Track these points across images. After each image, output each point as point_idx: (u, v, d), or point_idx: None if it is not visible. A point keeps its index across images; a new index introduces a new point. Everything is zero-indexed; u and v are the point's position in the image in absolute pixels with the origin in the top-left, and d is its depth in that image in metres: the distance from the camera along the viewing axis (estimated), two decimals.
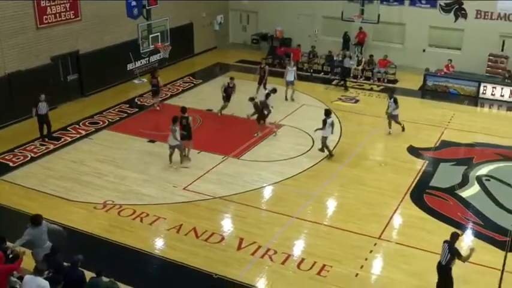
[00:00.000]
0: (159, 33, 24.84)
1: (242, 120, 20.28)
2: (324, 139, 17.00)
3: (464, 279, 11.63)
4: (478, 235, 13.41)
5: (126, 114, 20.98)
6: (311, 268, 11.91)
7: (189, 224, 13.49)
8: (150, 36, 24.52)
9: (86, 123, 19.86)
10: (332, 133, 17.37)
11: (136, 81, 24.90)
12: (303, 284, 11.44)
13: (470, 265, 12.02)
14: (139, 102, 22.12)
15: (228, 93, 20.44)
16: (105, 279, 10.00)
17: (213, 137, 18.69)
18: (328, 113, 17.36)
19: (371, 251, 12.60)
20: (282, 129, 19.62)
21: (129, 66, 24.85)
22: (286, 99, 22.46)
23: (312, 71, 26.93)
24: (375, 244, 12.87)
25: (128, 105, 21.87)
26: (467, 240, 13.08)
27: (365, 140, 18.93)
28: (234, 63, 28.43)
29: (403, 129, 19.30)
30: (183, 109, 16.73)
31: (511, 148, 18.33)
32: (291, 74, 22.19)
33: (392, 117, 19.06)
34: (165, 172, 16.25)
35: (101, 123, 20.01)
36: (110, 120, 20.32)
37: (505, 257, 12.44)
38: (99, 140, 18.63)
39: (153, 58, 26.10)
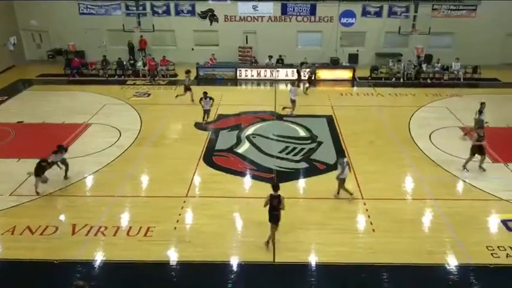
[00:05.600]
0: None
1: (52, 125, 18.38)
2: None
3: (250, 210, 12.60)
4: (254, 177, 14.49)
5: None
6: (138, 233, 11.58)
7: (22, 224, 11.83)
8: None
9: None
10: None
11: None
12: (134, 246, 11.08)
13: (253, 199, 13.07)
14: None
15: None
16: None
17: (30, 145, 16.55)
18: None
19: (182, 207, 12.74)
20: (92, 127, 18.32)
21: None
22: None
23: (107, 75, 25.49)
24: (184, 202, 13.02)
25: None
26: (246, 182, 14.17)
27: (161, 123, 18.80)
28: (36, 78, 25.30)
29: None
30: (275, 186, 10.75)
31: (264, 112, 20.14)
32: None
33: None
34: None
35: None
36: None
37: None
38: None
39: None
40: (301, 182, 14.30)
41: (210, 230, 11.71)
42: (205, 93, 18.66)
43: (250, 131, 18.14)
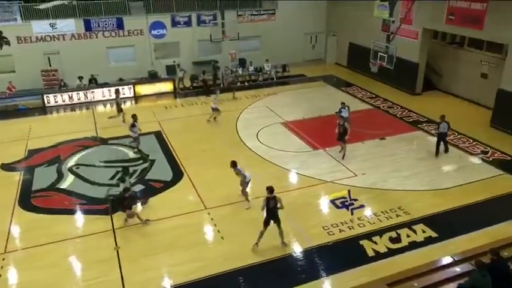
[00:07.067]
0: None
1: None
2: None
3: (87, 249, 11.68)
4: (86, 212, 13.48)
5: None
6: None
7: None
8: None
9: None
10: None
11: None
12: None
13: (89, 237, 12.19)
14: None
15: None
16: None
17: None
18: None
19: (2, 267, 11.04)
20: None
21: None
22: None
23: None
24: (3, 259, 11.31)
25: None
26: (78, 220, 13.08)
27: None
28: None
29: None
30: (270, 188, 11.24)
31: (85, 139, 18.86)
32: None
33: None
34: None
35: None
36: None
37: (112, 218, 13.04)
38: None
39: None
40: (140, 206, 13.85)
41: (42, 285, 10.45)
42: (134, 116, 17.19)
43: (72, 161, 16.78)
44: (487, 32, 19.12)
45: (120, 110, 20.27)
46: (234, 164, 13.39)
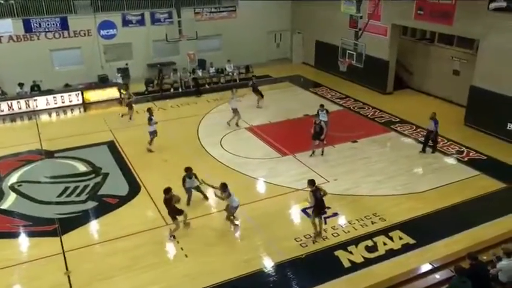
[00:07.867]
0: None
1: None
2: None
3: (34, 276, 11.31)
4: (31, 234, 13.06)
5: None
6: None
7: None
8: None
9: None
10: None
11: None
12: None
13: (36, 261, 11.81)
14: None
15: None
16: None
17: None
18: None
19: None
20: None
21: None
22: None
23: None
24: None
25: None
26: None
27: None
28: None
29: None
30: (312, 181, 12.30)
31: (28, 152, 18.29)
32: None
33: None
34: None
35: None
36: None
37: (61, 240, 12.67)
38: None
39: None
40: (94, 225, 13.53)
41: None
42: (149, 110, 18.28)
43: (14, 178, 16.23)
44: (457, 27, 19.91)
45: (130, 107, 21.32)
46: (223, 187, 12.55)
